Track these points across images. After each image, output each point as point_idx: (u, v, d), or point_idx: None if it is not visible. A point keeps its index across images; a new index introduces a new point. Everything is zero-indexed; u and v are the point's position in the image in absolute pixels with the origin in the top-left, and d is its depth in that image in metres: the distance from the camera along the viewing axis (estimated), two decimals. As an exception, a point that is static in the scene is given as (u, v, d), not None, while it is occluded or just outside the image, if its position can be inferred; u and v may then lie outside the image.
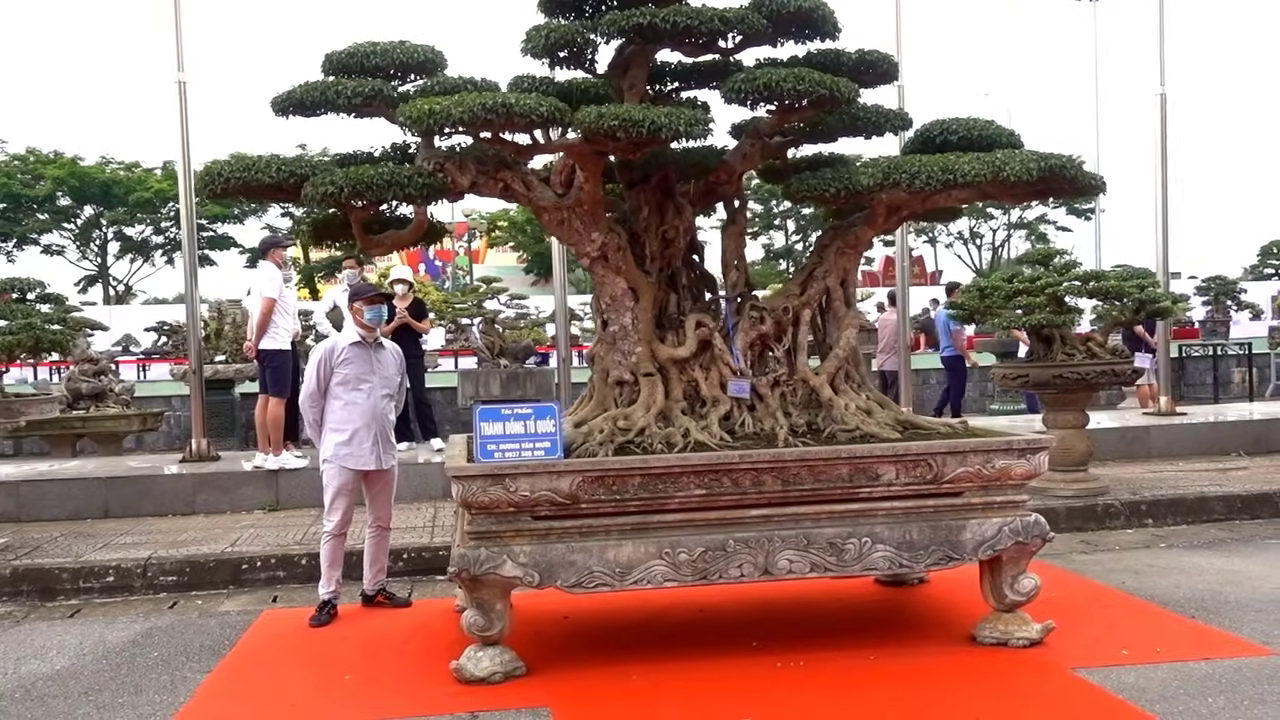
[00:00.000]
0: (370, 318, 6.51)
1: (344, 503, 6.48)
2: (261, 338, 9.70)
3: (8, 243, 43.18)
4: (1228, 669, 5.01)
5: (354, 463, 6.45)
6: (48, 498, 9.25)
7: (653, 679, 5.09)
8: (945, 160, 5.08)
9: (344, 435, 6.42)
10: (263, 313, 9.65)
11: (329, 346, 6.50)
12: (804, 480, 5.23)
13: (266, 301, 9.66)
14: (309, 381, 6.46)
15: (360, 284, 8.82)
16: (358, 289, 7.16)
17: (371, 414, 6.48)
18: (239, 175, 5.09)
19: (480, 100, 4.60)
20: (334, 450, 6.43)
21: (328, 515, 6.49)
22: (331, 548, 6.48)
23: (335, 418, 6.45)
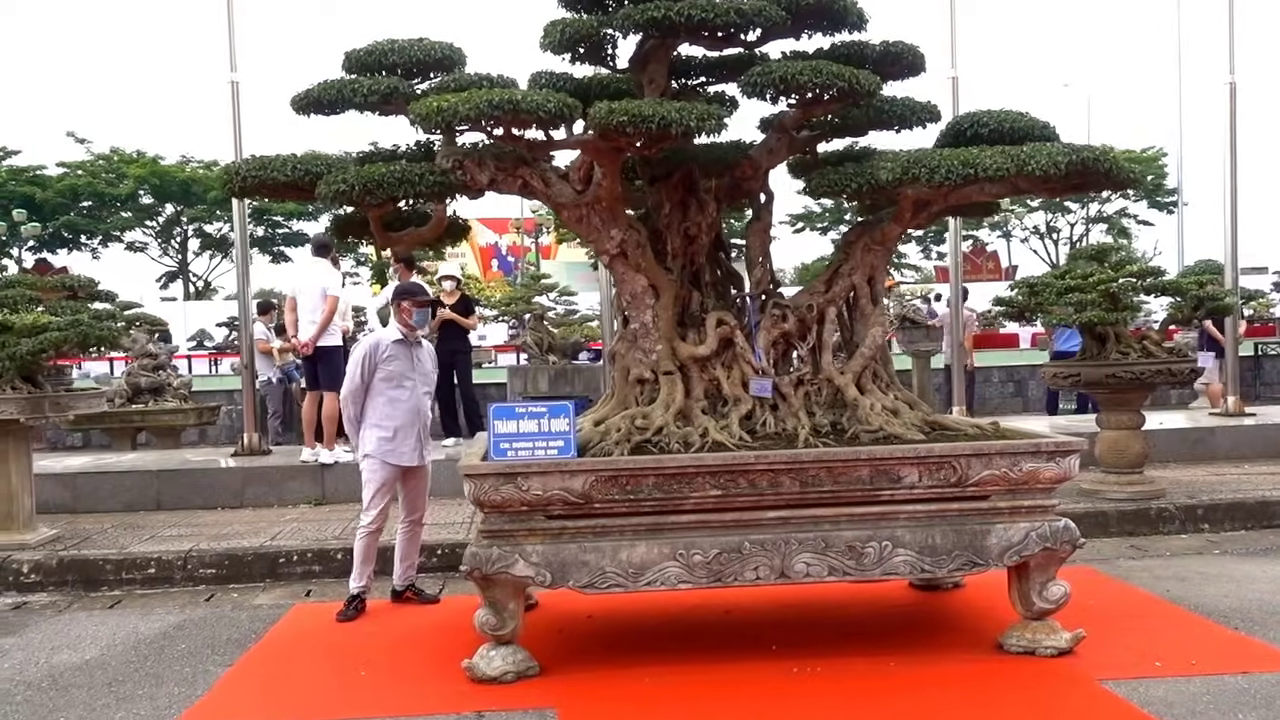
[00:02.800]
0: (418, 319, 6.62)
1: (383, 499, 6.53)
2: (320, 335, 9.82)
3: (93, 240, 44.51)
4: (1265, 684, 4.79)
5: (396, 459, 6.47)
6: (102, 490, 9.47)
7: (665, 681, 5.02)
8: (967, 154, 4.92)
9: (388, 432, 6.45)
10: (329, 311, 9.81)
11: (373, 343, 6.52)
12: (823, 482, 5.12)
13: (333, 300, 9.84)
14: (353, 377, 6.47)
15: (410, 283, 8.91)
16: (409, 288, 7.20)
17: (415, 411, 6.53)
18: (255, 174, 5.14)
19: (487, 97, 4.57)
20: (377, 446, 6.46)
21: (365, 511, 6.53)
22: (366, 543, 6.52)
23: (379, 414, 6.47)
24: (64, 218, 42.36)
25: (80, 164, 42.60)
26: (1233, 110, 11.58)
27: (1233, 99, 11.57)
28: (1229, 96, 11.60)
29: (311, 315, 9.84)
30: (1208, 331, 13.13)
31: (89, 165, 42.62)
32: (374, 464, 6.50)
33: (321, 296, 9.82)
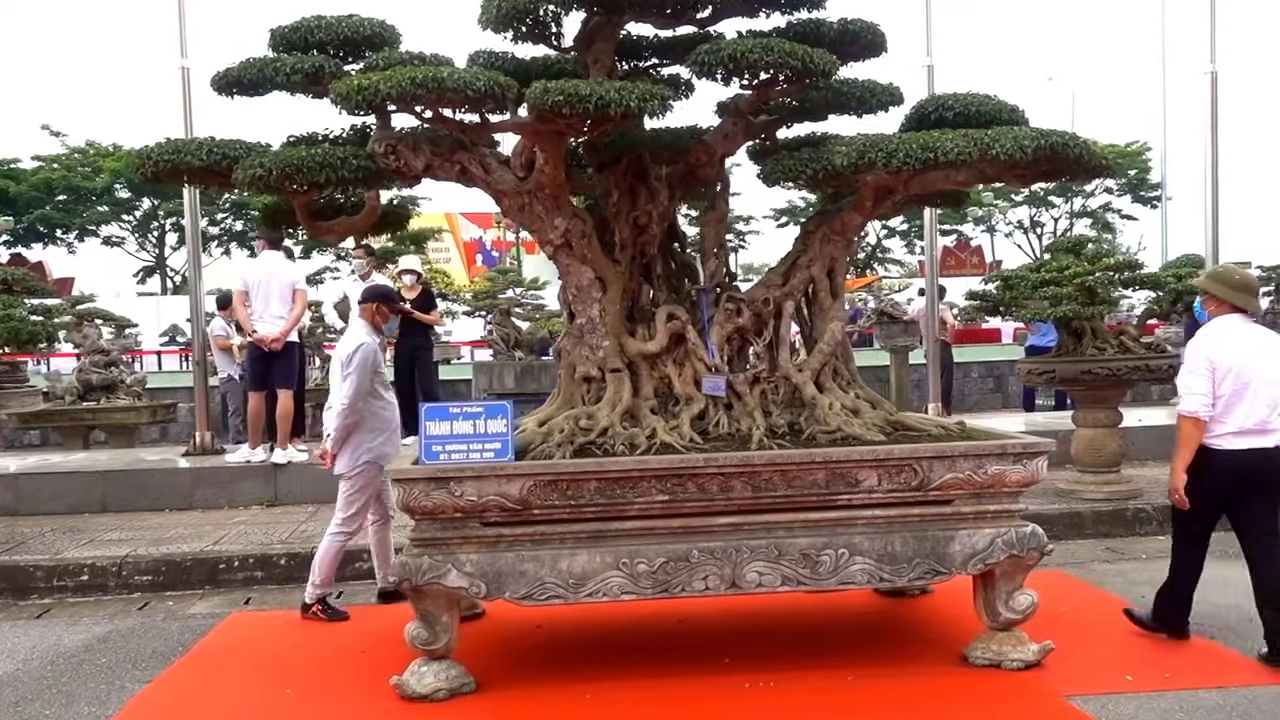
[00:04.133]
0: (388, 326, 6.63)
1: (367, 507, 6.27)
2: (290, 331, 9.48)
3: (69, 234, 43.92)
4: (1240, 699, 4.53)
5: (386, 460, 6.12)
6: (44, 492, 9.12)
7: (607, 699, 4.73)
8: (927, 138, 4.62)
9: (383, 436, 6.20)
10: (302, 308, 9.52)
11: (371, 348, 6.17)
12: (776, 486, 4.82)
13: (304, 296, 9.55)
14: (363, 384, 6.06)
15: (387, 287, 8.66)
16: (386, 292, 6.88)
17: (395, 411, 6.40)
18: (169, 158, 4.80)
19: (411, 75, 4.25)
20: (377, 450, 6.14)
21: (350, 518, 6.16)
22: (341, 546, 6.18)
23: (376, 420, 6.19)
24: (39, 212, 41.74)
25: (55, 157, 42.00)
26: (1213, 100, 11.34)
27: (1214, 88, 11.34)
28: (1210, 86, 11.36)
29: (276, 310, 9.48)
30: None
31: (64, 159, 42.02)
32: (371, 470, 6.14)
33: (289, 291, 9.48)
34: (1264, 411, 5.00)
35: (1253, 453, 5.01)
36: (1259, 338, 5.14)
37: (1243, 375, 4.98)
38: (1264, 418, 5.00)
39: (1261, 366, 5.01)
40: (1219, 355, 5.01)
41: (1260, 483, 5.10)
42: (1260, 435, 5.01)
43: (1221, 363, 5.00)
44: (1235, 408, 5.00)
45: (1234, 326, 5.11)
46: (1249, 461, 5.02)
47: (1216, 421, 5.03)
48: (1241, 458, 5.01)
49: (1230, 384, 4.99)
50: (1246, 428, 5.00)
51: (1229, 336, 5.08)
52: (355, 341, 6.13)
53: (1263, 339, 5.14)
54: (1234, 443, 5.02)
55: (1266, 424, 5.02)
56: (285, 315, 9.39)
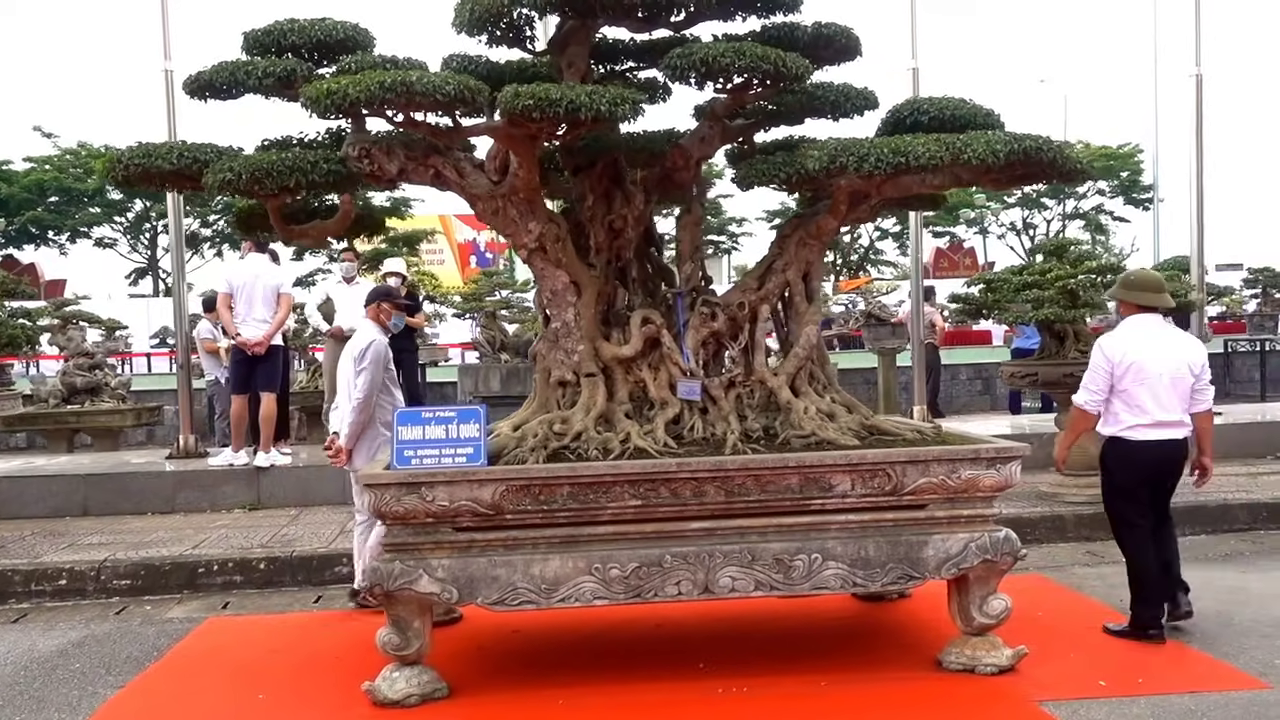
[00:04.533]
0: (395, 322, 6.67)
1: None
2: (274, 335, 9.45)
3: (60, 236, 43.79)
4: (1212, 704, 4.52)
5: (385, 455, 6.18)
6: (26, 495, 9.08)
7: (579, 704, 4.72)
8: (899, 142, 4.62)
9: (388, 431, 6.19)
10: (286, 311, 9.48)
11: (381, 347, 6.26)
12: (750, 491, 4.82)
13: (289, 299, 9.53)
14: (375, 382, 6.15)
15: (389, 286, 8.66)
16: (387, 291, 6.94)
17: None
18: (139, 162, 4.79)
19: (380, 79, 4.24)
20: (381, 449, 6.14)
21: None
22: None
23: (387, 415, 6.12)
24: (31, 213, 41.61)
25: (47, 158, 41.83)
26: (1198, 102, 11.35)
27: (1199, 91, 11.34)
28: (1195, 89, 11.37)
29: (260, 313, 9.45)
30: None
31: (56, 160, 41.86)
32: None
33: (273, 294, 9.45)
34: (1170, 405, 5.31)
35: (1164, 443, 5.36)
36: (1164, 335, 5.42)
37: (1144, 371, 5.29)
38: (1170, 411, 5.32)
39: (1164, 362, 5.31)
40: (1118, 354, 5.34)
41: (1167, 474, 5.51)
42: (1169, 427, 5.34)
43: (1120, 361, 5.31)
44: (1142, 401, 5.31)
45: (1138, 325, 5.43)
46: (1163, 451, 5.37)
47: (1130, 415, 5.35)
48: (1155, 448, 5.35)
49: (1132, 379, 5.30)
50: (1155, 420, 5.31)
51: (1132, 336, 5.40)
52: (367, 339, 6.23)
53: (1168, 336, 5.43)
54: (1148, 434, 5.34)
55: (1174, 418, 5.34)
56: (269, 319, 9.36)
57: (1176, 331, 5.58)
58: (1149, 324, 5.42)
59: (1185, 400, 5.38)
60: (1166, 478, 5.52)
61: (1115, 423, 5.43)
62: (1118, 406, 5.41)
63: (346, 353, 6.36)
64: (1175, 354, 5.37)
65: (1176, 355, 5.37)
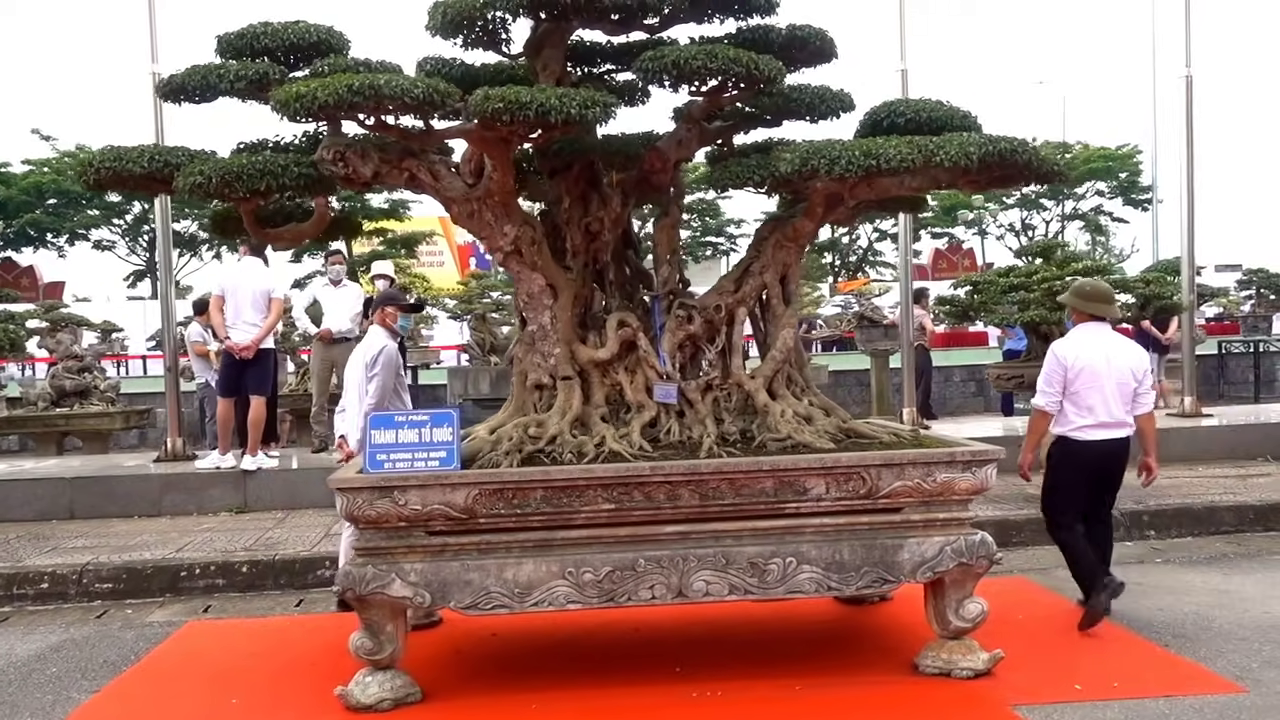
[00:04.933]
0: (402, 324, 6.66)
1: None
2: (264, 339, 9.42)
3: (59, 238, 43.82)
4: (1187, 708, 4.51)
5: None
6: (12, 498, 9.07)
7: (552, 708, 4.70)
8: (870, 144, 4.60)
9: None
10: (276, 315, 9.45)
11: (391, 352, 6.35)
12: (724, 494, 4.80)
13: (279, 304, 9.50)
14: (387, 385, 6.25)
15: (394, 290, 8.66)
16: (393, 294, 7.04)
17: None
18: (110, 165, 4.78)
19: (347, 82, 4.23)
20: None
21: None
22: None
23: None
24: (30, 216, 41.63)
25: (46, 161, 41.87)
26: (1189, 104, 11.31)
27: (1189, 92, 11.31)
28: (1185, 90, 11.34)
29: (249, 317, 9.42)
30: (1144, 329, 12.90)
31: (55, 162, 41.86)
32: None
33: (264, 298, 9.41)
34: (1115, 407, 5.69)
35: (1108, 443, 5.74)
36: (1111, 342, 5.79)
37: (1095, 375, 5.66)
38: (1116, 413, 5.70)
39: (1110, 367, 5.68)
40: (1071, 358, 5.70)
41: (1112, 470, 5.87)
42: (1114, 427, 5.73)
43: (1074, 365, 5.67)
44: (1091, 403, 5.67)
45: (1089, 333, 5.79)
46: (1106, 449, 5.75)
47: (1078, 415, 5.71)
48: (1100, 446, 5.73)
49: (1084, 382, 5.67)
50: (1101, 420, 5.68)
51: (1083, 342, 5.76)
52: (378, 345, 6.32)
53: (1114, 343, 5.81)
54: (1094, 434, 5.71)
55: (1120, 418, 5.73)
56: (258, 322, 9.33)
57: (1122, 339, 5.94)
58: (1098, 331, 5.79)
59: (1129, 403, 5.75)
60: (1109, 475, 5.87)
61: (1064, 423, 5.77)
62: (1067, 407, 5.75)
63: (357, 357, 6.44)
64: (1121, 360, 5.73)
65: (1122, 361, 5.73)
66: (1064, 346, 5.79)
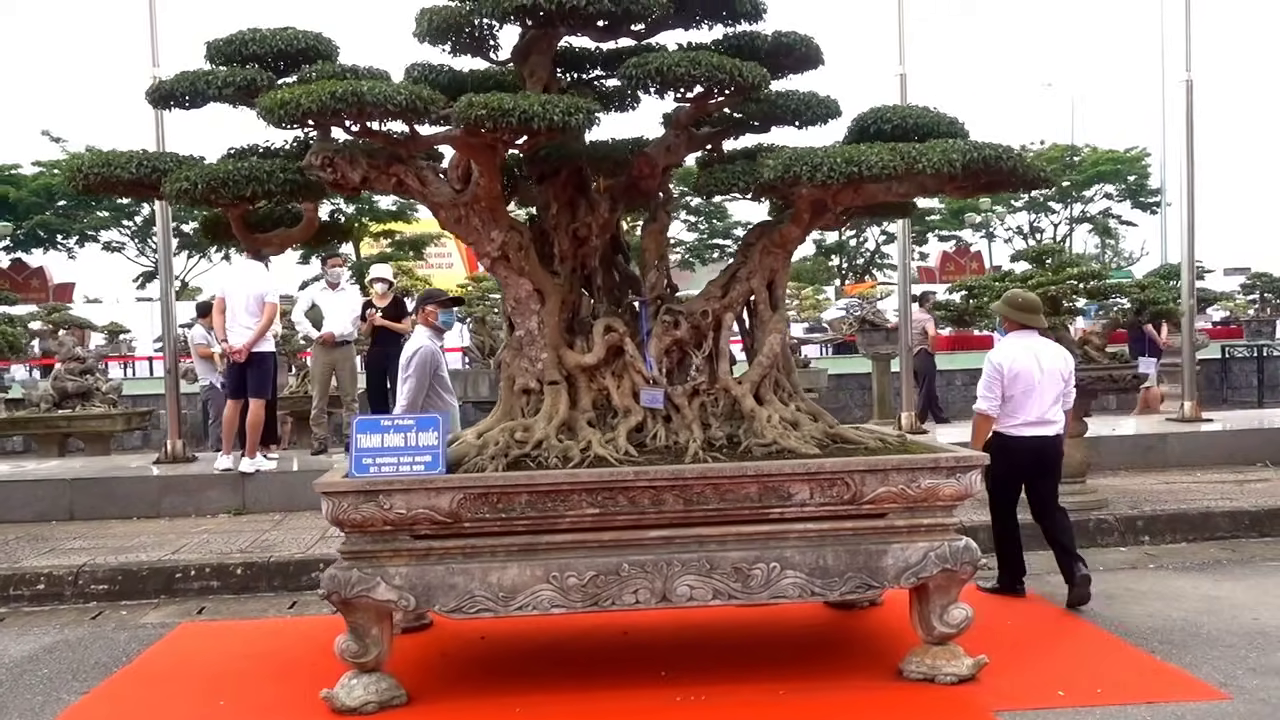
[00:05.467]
0: (444, 320, 6.77)
1: None
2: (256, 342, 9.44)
3: (69, 240, 44.02)
4: (1169, 715, 4.51)
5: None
6: (13, 500, 9.13)
7: (536, 711, 4.73)
8: (852, 151, 4.61)
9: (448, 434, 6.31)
10: (269, 319, 9.46)
11: (429, 351, 6.47)
12: (709, 499, 4.82)
13: (272, 307, 9.50)
14: (419, 385, 6.41)
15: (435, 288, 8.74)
16: (433, 292, 7.13)
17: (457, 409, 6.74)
18: (98, 170, 4.83)
19: (331, 90, 4.26)
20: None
21: None
22: None
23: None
24: (39, 217, 41.84)
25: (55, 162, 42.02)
26: (1189, 108, 11.32)
27: (1189, 96, 11.31)
28: (1186, 94, 11.33)
29: (244, 320, 9.47)
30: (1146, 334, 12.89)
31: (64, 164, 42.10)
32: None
33: (257, 302, 9.44)
34: (1046, 407, 6.18)
35: (1039, 439, 6.22)
36: (1041, 348, 6.29)
37: (1027, 379, 6.15)
38: (1046, 412, 6.19)
39: (1042, 371, 6.17)
40: (1007, 364, 6.17)
41: (1045, 464, 6.36)
42: (1044, 425, 6.21)
43: (1009, 370, 6.16)
44: (1025, 404, 6.17)
45: (1021, 340, 6.31)
46: (1037, 444, 6.22)
47: (1012, 415, 6.19)
48: (1031, 442, 6.21)
49: (1019, 385, 6.15)
50: (1033, 419, 6.18)
51: (1016, 348, 6.26)
52: (415, 346, 6.49)
53: (1044, 349, 6.30)
54: (1025, 430, 6.20)
55: (1049, 418, 6.22)
56: (253, 325, 9.37)
57: (1050, 344, 6.45)
58: (1029, 338, 6.31)
59: (1058, 402, 6.26)
60: (1044, 467, 6.36)
61: (1001, 422, 6.26)
62: (1004, 408, 6.23)
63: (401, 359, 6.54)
64: (1051, 364, 6.23)
65: (1052, 365, 6.23)
66: (999, 354, 6.26)
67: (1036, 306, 6.44)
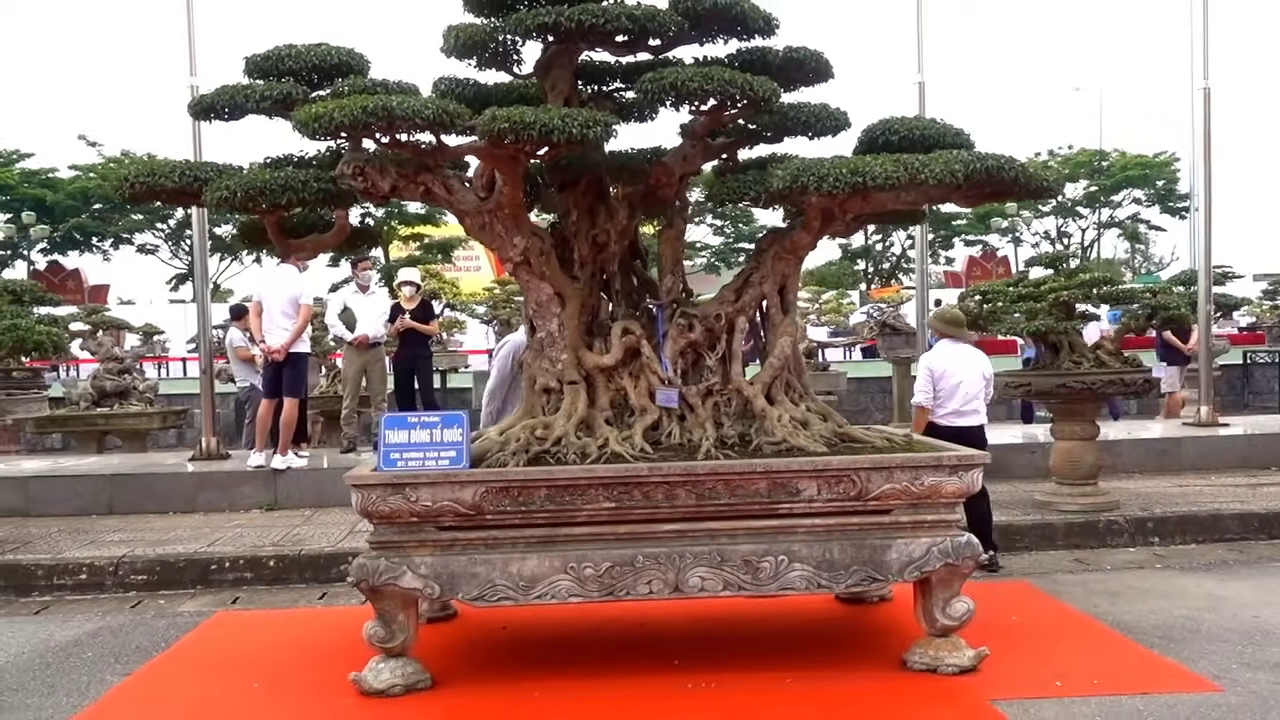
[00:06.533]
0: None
1: None
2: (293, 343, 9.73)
3: (104, 242, 44.73)
4: (1160, 705, 4.68)
5: None
6: (54, 494, 9.47)
7: (553, 695, 4.96)
8: (857, 162, 4.82)
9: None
10: (304, 321, 9.74)
11: (516, 343, 6.80)
12: (720, 495, 5.03)
13: (307, 309, 9.78)
14: (501, 376, 6.83)
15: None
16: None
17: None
18: (144, 179, 5.10)
19: (362, 104, 4.51)
20: None
21: None
22: None
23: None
24: (75, 220, 42.57)
25: (91, 167, 42.79)
26: (1207, 115, 11.40)
27: (1207, 104, 11.39)
28: (1204, 101, 11.42)
29: (281, 322, 9.77)
30: (1166, 340, 12.97)
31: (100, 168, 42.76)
32: None
33: (292, 304, 9.73)
34: (968, 400, 7.39)
35: (962, 428, 7.28)
36: (964, 353, 7.57)
37: (952, 378, 7.39)
38: (968, 405, 7.40)
39: (963, 373, 7.40)
40: (937, 366, 7.46)
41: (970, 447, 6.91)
42: (968, 415, 7.41)
43: (937, 370, 7.44)
44: (951, 398, 7.40)
45: (948, 347, 7.58)
46: (964, 431, 7.20)
47: (941, 407, 7.42)
48: (956, 430, 7.15)
49: (946, 383, 7.40)
50: (959, 409, 7.39)
51: (944, 353, 7.55)
52: (508, 338, 6.87)
53: (967, 354, 7.58)
54: (952, 420, 7.38)
55: (971, 409, 7.42)
56: (287, 327, 9.67)
57: (973, 350, 7.70)
58: (955, 346, 7.59)
59: (980, 397, 7.48)
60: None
61: (934, 414, 7.45)
62: (936, 401, 7.44)
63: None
64: (973, 367, 7.48)
65: (974, 367, 7.48)
66: (931, 359, 7.58)
67: (961, 321, 7.81)
